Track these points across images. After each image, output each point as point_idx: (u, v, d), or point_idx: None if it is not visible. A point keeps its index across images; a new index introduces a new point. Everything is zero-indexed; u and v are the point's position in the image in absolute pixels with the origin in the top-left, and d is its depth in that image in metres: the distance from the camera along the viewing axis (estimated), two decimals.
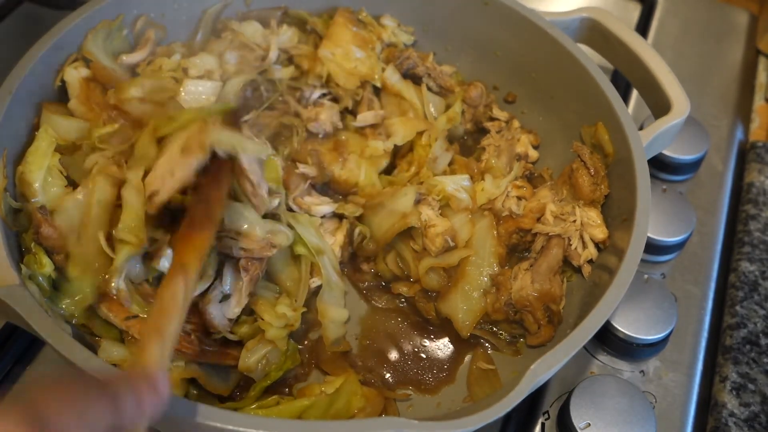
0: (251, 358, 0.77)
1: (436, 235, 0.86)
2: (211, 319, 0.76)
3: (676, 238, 0.97)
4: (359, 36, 1.01)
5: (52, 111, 0.85)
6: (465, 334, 0.84)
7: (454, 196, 0.90)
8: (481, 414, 0.60)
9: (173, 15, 0.98)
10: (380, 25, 1.05)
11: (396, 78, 1.00)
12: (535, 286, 0.82)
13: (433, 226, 0.86)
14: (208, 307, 0.77)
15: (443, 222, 0.87)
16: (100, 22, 0.90)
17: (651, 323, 0.88)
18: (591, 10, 0.98)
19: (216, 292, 0.77)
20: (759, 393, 0.86)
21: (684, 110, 0.86)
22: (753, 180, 1.10)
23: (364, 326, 0.88)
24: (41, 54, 0.83)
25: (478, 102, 1.02)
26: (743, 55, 1.32)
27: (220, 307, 0.77)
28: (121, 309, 0.73)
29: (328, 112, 0.97)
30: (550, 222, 0.87)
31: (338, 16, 1.02)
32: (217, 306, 0.77)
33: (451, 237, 0.87)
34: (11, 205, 0.76)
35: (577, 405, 0.79)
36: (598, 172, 0.87)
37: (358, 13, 1.05)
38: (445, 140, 0.99)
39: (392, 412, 0.79)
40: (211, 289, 0.77)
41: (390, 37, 1.05)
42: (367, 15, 1.05)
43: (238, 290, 0.78)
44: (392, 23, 1.06)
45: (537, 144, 1.00)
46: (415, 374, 0.84)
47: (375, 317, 0.89)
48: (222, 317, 0.77)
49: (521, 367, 0.65)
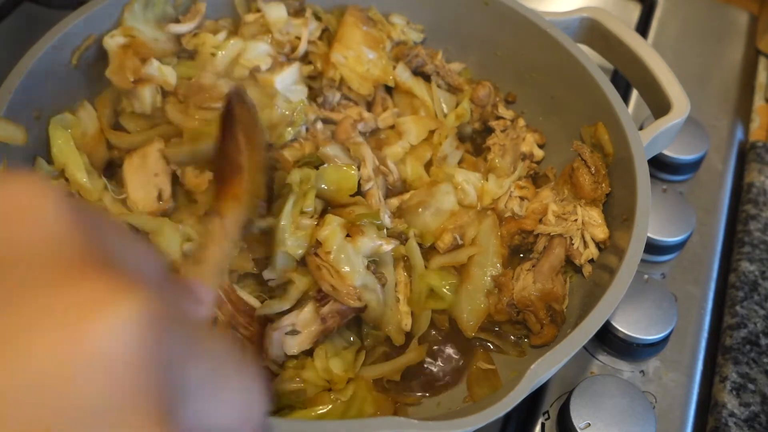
0: (284, 385, 0.75)
1: (445, 232, 0.86)
2: (269, 344, 0.75)
3: (676, 238, 0.97)
4: (370, 35, 1.00)
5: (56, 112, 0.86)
6: (470, 334, 0.84)
7: (462, 188, 0.90)
8: (481, 414, 0.60)
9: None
10: (390, 23, 1.05)
11: (407, 75, 1.00)
12: (537, 286, 0.82)
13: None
14: (273, 331, 0.75)
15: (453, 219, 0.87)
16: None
17: (651, 323, 0.88)
18: (591, 10, 0.98)
19: (288, 321, 0.76)
20: (759, 393, 0.86)
21: (684, 110, 0.86)
22: (753, 180, 1.10)
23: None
24: (41, 54, 0.83)
25: (486, 101, 1.02)
26: (743, 55, 1.32)
27: (282, 338, 0.75)
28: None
29: (359, 110, 0.96)
30: (552, 222, 0.87)
31: (348, 15, 1.01)
32: (281, 335, 0.75)
33: (459, 235, 0.87)
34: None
35: (577, 405, 0.79)
36: (598, 170, 0.87)
37: (368, 11, 1.04)
38: (455, 138, 0.99)
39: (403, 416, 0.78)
40: (286, 317, 0.76)
41: (399, 36, 1.04)
42: (377, 13, 1.05)
43: (308, 333, 0.75)
44: (402, 21, 1.06)
45: (542, 143, 1.00)
46: (425, 378, 0.83)
47: None
48: (279, 348, 0.75)
49: (521, 367, 0.65)
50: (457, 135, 1.00)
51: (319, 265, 0.77)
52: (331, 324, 0.76)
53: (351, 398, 0.76)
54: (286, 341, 0.75)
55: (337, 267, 0.77)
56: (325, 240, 0.78)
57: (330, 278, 0.76)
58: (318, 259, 0.78)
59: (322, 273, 0.77)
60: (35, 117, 0.85)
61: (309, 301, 0.77)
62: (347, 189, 0.84)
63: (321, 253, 0.78)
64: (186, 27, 0.93)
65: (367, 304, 0.78)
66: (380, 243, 0.80)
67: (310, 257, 0.78)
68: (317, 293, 0.78)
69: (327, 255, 0.77)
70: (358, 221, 0.81)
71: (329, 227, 0.78)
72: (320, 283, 0.77)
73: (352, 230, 0.79)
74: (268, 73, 0.93)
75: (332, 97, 0.98)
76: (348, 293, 0.76)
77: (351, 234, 0.79)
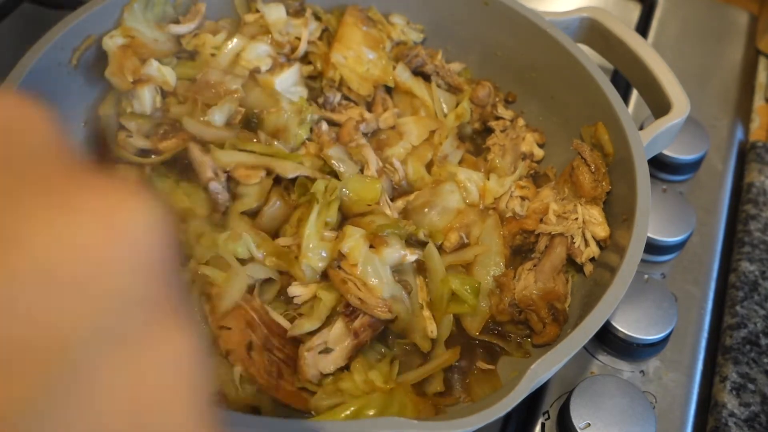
0: (323, 401, 0.73)
1: (451, 231, 0.87)
2: (303, 365, 0.73)
3: (676, 238, 0.97)
4: (370, 36, 1.00)
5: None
6: (474, 333, 0.84)
7: (465, 187, 0.90)
8: (481, 414, 0.60)
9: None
10: (389, 23, 1.05)
11: (406, 75, 1.00)
12: (538, 285, 0.82)
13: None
14: (307, 353, 0.73)
15: (459, 218, 0.88)
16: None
17: (651, 323, 0.88)
18: (591, 10, 0.98)
19: (320, 341, 0.74)
20: (759, 393, 0.86)
21: (684, 110, 0.86)
22: (753, 180, 1.10)
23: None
24: (41, 54, 0.83)
25: (486, 101, 1.02)
26: (743, 55, 1.32)
27: (316, 357, 0.73)
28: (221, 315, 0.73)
29: (360, 111, 0.96)
30: (553, 221, 0.87)
31: (348, 15, 1.01)
32: (315, 356, 0.73)
33: (465, 233, 0.87)
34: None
35: (577, 405, 0.79)
36: (598, 168, 0.87)
37: (368, 11, 1.04)
38: (455, 138, 0.99)
39: (443, 417, 0.76)
40: (317, 336, 0.75)
41: (399, 36, 1.05)
42: (377, 12, 1.05)
43: (341, 349, 0.74)
44: (401, 21, 1.06)
45: (542, 143, 1.00)
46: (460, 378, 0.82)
47: None
48: (315, 367, 0.73)
49: (521, 367, 0.65)
50: (457, 135, 1.00)
51: (344, 279, 0.75)
52: (364, 338, 0.75)
53: (392, 405, 0.73)
54: (320, 361, 0.73)
55: (365, 280, 0.75)
56: (349, 252, 0.76)
57: (357, 291, 0.75)
58: (342, 272, 0.76)
59: (348, 287, 0.75)
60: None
61: (338, 317, 0.76)
62: (369, 199, 0.83)
63: (345, 266, 0.76)
64: (186, 28, 0.93)
65: (397, 315, 0.77)
66: (405, 253, 0.79)
67: (334, 271, 0.77)
68: (345, 308, 0.76)
69: (352, 268, 0.76)
70: (380, 232, 0.79)
71: (352, 239, 0.77)
72: (347, 297, 0.75)
73: (375, 241, 0.78)
74: (268, 74, 0.93)
75: (333, 98, 0.98)
76: (378, 306, 0.75)
77: (375, 245, 0.78)
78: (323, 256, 0.78)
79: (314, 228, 0.78)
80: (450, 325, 0.82)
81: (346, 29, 1.00)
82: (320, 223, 0.79)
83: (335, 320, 0.76)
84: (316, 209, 0.79)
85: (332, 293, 0.77)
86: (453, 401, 0.79)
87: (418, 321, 0.81)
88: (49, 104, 0.30)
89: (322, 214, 0.80)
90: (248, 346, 0.72)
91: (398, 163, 0.92)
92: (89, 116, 0.92)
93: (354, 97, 0.99)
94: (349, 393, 0.74)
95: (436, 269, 0.84)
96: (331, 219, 0.81)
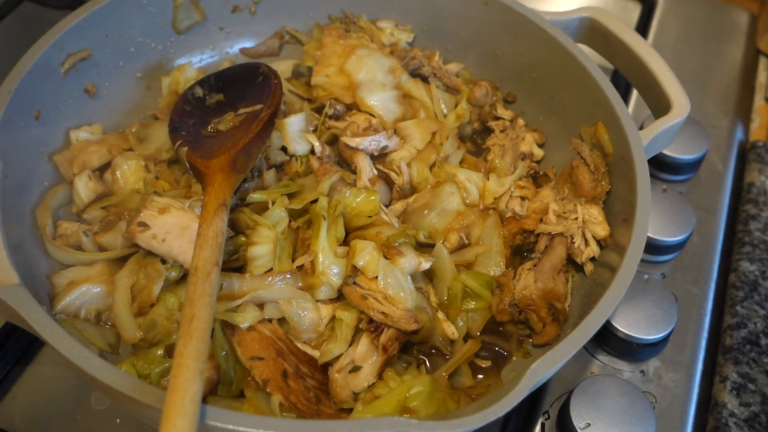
0: (364, 414, 0.72)
1: (451, 231, 0.87)
2: (336, 387, 0.73)
3: (676, 238, 0.97)
4: (348, 47, 1.02)
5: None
6: (474, 333, 0.84)
7: (465, 187, 0.90)
8: (481, 414, 0.60)
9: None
10: (378, 28, 1.06)
11: (405, 78, 1.00)
12: (538, 285, 0.82)
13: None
14: (337, 374, 0.73)
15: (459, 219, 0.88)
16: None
17: (651, 323, 0.88)
18: (591, 10, 0.98)
19: (347, 360, 0.74)
20: (759, 393, 0.86)
21: (684, 110, 0.86)
22: (753, 180, 1.10)
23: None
24: (41, 54, 0.83)
25: (483, 102, 1.02)
26: (743, 55, 1.33)
27: (347, 377, 0.73)
28: (250, 347, 0.73)
29: (366, 117, 0.97)
30: (553, 221, 0.87)
31: (325, 37, 1.03)
32: (346, 375, 0.73)
33: (465, 234, 0.87)
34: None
35: (577, 405, 0.79)
36: (598, 168, 0.87)
37: (357, 19, 1.06)
38: (456, 138, 0.99)
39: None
40: (344, 356, 0.74)
41: (389, 38, 1.05)
42: (367, 21, 1.06)
43: (370, 365, 0.73)
44: (389, 25, 1.07)
45: (542, 142, 1.00)
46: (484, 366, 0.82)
47: None
48: (347, 388, 0.73)
49: (521, 367, 0.65)
50: (457, 135, 1.00)
51: (363, 295, 0.74)
52: (392, 351, 0.74)
53: (433, 396, 0.72)
54: (351, 380, 0.73)
55: (387, 292, 0.74)
56: (365, 266, 0.75)
57: (379, 306, 0.74)
58: (359, 288, 0.75)
59: (369, 302, 0.74)
60: (35, 116, 0.85)
61: (361, 333, 0.75)
62: (368, 212, 0.83)
63: (362, 281, 0.75)
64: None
65: (423, 324, 0.76)
66: (419, 261, 0.79)
67: (350, 288, 0.76)
68: (368, 324, 0.75)
69: (371, 282, 0.75)
70: (392, 242, 0.79)
71: (365, 252, 0.76)
72: (368, 312, 0.74)
73: (389, 252, 0.77)
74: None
75: (338, 110, 0.98)
76: (403, 317, 0.74)
77: (389, 256, 0.77)
78: (336, 272, 0.77)
79: (326, 243, 0.77)
80: (466, 322, 0.82)
81: (325, 50, 1.02)
82: (332, 239, 0.78)
83: (359, 337, 0.75)
84: (325, 225, 0.78)
85: (351, 312, 0.76)
86: (484, 389, 0.79)
87: (438, 325, 0.80)
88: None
89: (331, 231, 0.79)
90: (284, 374, 0.72)
91: (405, 166, 0.92)
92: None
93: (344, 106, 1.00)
94: (387, 399, 0.72)
95: (447, 269, 0.83)
96: (341, 234, 0.80)
